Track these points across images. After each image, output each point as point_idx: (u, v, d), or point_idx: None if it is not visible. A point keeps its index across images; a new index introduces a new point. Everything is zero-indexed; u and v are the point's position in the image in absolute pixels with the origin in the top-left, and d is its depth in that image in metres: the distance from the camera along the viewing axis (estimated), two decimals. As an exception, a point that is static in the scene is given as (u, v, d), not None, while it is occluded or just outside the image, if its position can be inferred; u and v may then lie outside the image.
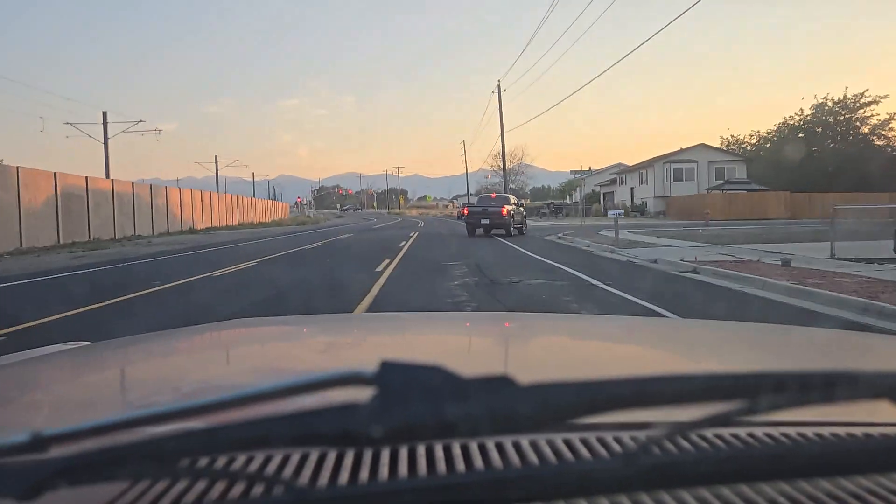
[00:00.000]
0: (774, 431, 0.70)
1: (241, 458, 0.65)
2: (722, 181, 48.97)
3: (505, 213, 23.86)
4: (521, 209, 27.60)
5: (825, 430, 0.69)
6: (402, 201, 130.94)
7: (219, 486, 0.59)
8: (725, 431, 0.69)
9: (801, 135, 52.82)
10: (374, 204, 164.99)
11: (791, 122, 55.15)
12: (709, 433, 0.68)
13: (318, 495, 0.51)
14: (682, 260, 12.59)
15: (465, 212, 27.11)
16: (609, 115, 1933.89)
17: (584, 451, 0.65)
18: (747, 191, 46.21)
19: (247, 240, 27.87)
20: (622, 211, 19.31)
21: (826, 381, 0.46)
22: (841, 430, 0.70)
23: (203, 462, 0.62)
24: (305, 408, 0.43)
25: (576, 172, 32.50)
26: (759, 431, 0.70)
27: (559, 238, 22.63)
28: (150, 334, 1.82)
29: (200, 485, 0.59)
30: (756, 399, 0.45)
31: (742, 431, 0.70)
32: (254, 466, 0.64)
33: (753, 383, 0.46)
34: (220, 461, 0.64)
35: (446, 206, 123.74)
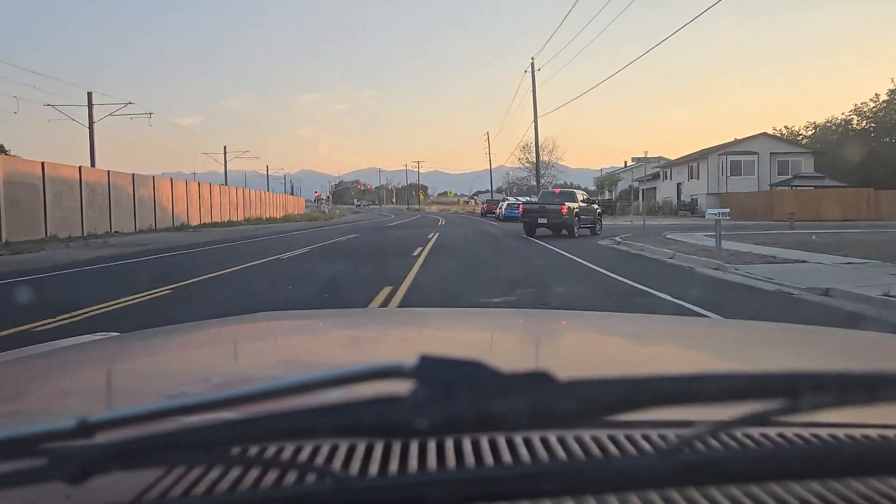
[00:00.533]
0: (805, 432, 0.69)
1: (274, 447, 0.65)
2: (787, 176, 42.75)
3: (565, 210, 21.36)
4: (594, 206, 24.66)
5: (857, 432, 0.68)
6: (421, 197, 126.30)
7: (271, 475, 0.59)
8: (756, 431, 0.68)
9: (872, 124, 46.74)
10: (394, 199, 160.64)
11: (864, 109, 49.13)
12: (741, 432, 0.68)
13: (364, 485, 0.52)
14: (887, 295, 7.32)
15: (521, 209, 24.91)
16: (635, 111, 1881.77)
17: (622, 447, 0.65)
18: (815, 187, 40.26)
19: (232, 240, 23.00)
20: (727, 210, 13.78)
21: (866, 383, 0.45)
22: (874, 433, 0.69)
23: (253, 450, 0.63)
24: (350, 399, 0.44)
25: (639, 159, 27.51)
26: (789, 432, 0.69)
27: (618, 244, 17.72)
28: (179, 326, 1.91)
29: (253, 472, 0.59)
30: (797, 399, 0.44)
31: (772, 431, 0.69)
32: (286, 454, 0.64)
33: (794, 383, 0.45)
34: (269, 450, 0.64)
35: (467, 203, 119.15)
